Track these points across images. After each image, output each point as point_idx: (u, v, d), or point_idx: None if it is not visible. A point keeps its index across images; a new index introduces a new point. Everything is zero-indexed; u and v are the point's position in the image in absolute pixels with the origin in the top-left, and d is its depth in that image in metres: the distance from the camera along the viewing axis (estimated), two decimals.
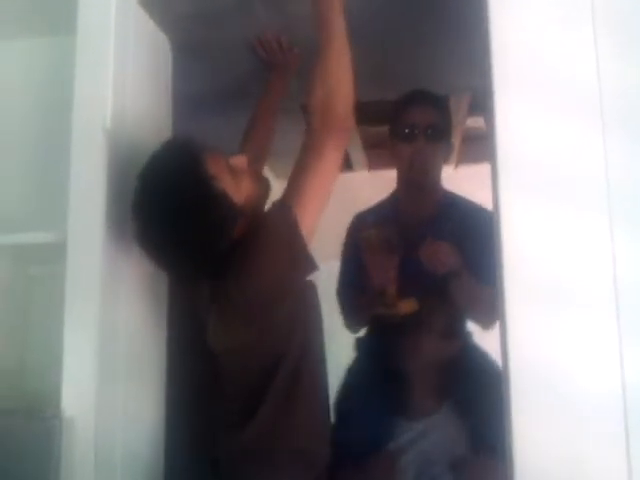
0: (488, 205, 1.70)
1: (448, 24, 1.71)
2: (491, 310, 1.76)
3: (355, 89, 1.32)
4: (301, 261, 1.28)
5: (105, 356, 1.35)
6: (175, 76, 1.76)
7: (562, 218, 1.12)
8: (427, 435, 1.63)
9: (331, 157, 1.29)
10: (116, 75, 1.43)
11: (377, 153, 3.36)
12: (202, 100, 1.87)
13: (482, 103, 2.78)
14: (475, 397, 1.64)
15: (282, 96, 1.86)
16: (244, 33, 1.78)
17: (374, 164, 3.54)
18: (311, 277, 1.41)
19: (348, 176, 3.76)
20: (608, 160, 1.12)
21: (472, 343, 1.86)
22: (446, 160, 2.00)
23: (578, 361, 1.07)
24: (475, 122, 3.17)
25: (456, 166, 3.90)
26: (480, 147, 3.51)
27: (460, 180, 3.75)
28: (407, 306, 1.70)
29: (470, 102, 2.88)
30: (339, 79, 1.30)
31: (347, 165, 3.78)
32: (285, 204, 1.28)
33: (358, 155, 3.38)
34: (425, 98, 1.88)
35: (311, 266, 1.31)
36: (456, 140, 3.49)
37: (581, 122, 1.14)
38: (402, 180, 1.96)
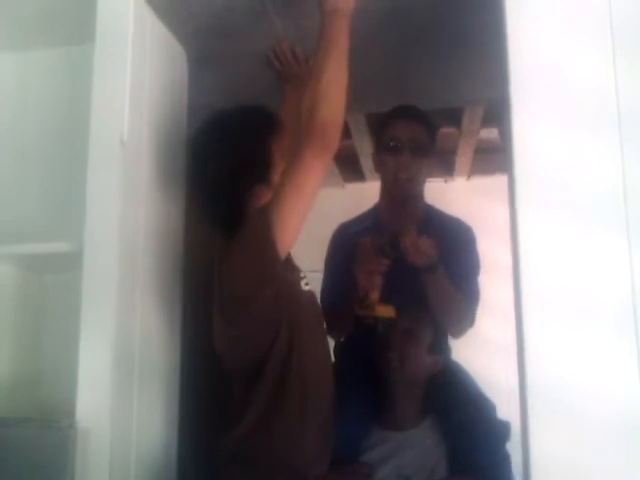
0: (499, 217, 1.75)
1: (463, 37, 1.71)
2: (461, 316, 1.82)
3: (351, 107, 1.34)
4: (267, 263, 1.30)
5: (120, 366, 1.35)
6: (190, 87, 1.77)
7: (579, 231, 1.11)
8: (405, 449, 1.62)
9: (312, 167, 1.30)
10: (133, 86, 1.44)
11: None
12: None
13: (496, 115, 2.79)
14: (456, 414, 1.65)
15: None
16: (260, 45, 1.78)
17: None
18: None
19: (360, 186, 3.78)
20: (626, 173, 1.12)
21: (452, 359, 1.88)
22: (428, 175, 2.04)
23: (596, 378, 1.06)
24: (488, 133, 3.17)
25: (469, 177, 3.91)
26: (493, 159, 3.51)
27: (473, 191, 3.79)
28: (384, 310, 1.71)
29: (483, 114, 2.88)
30: (329, 89, 1.30)
31: (359, 176, 3.79)
32: (265, 208, 1.31)
33: (371, 165, 3.38)
34: (411, 113, 1.92)
35: (275, 272, 1.31)
36: (469, 152, 3.49)
37: (599, 135, 1.14)
38: (385, 192, 2.01)
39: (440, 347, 1.75)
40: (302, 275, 1.47)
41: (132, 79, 1.44)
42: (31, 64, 1.76)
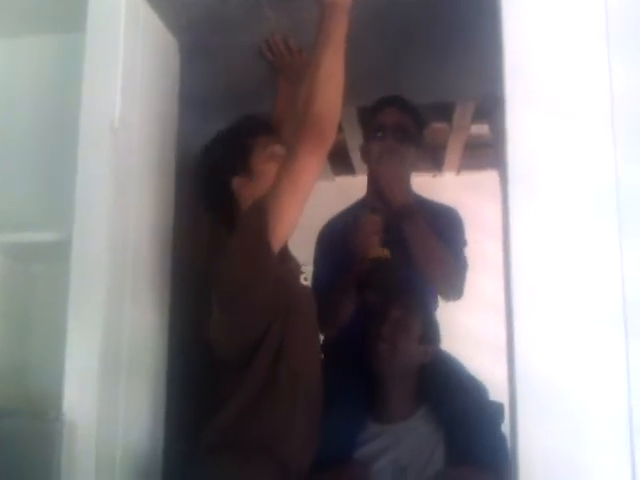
0: (489, 212, 1.75)
1: (456, 32, 1.71)
2: (448, 271, 1.79)
3: (343, 101, 1.33)
4: (260, 252, 1.32)
5: (107, 358, 1.34)
6: (182, 77, 1.76)
7: (571, 227, 1.12)
8: (400, 440, 1.61)
9: (307, 161, 1.31)
10: (125, 75, 1.43)
11: None
12: (209, 102, 1.87)
13: (487, 110, 2.80)
14: (450, 401, 1.64)
15: (293, 99, 1.86)
16: (253, 37, 1.77)
17: None
18: None
19: (350, 179, 3.78)
20: (618, 168, 1.12)
21: (442, 349, 1.86)
22: (414, 166, 2.01)
23: (585, 374, 1.06)
24: (479, 129, 3.18)
25: (458, 173, 3.92)
26: (483, 154, 3.52)
27: (462, 186, 3.80)
28: (379, 251, 1.70)
29: (474, 109, 2.89)
30: (326, 83, 1.31)
31: (349, 169, 3.79)
32: (260, 200, 1.34)
33: (360, 160, 3.38)
34: (396, 102, 1.92)
35: (268, 261, 1.33)
36: (459, 147, 3.50)
37: (592, 130, 1.14)
38: (371, 182, 1.98)
39: (430, 337, 1.73)
40: (302, 270, 1.50)
41: (124, 67, 1.43)
42: (21, 51, 1.75)
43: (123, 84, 1.42)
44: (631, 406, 1.05)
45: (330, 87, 1.31)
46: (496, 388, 1.56)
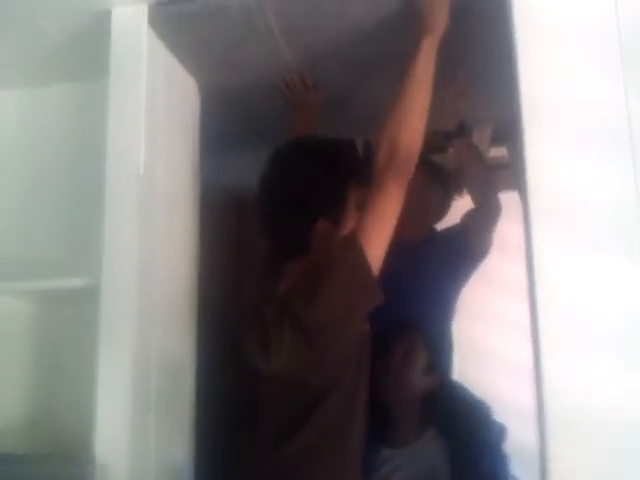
0: (508, 233, 1.85)
1: (472, 57, 1.72)
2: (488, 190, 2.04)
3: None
4: (367, 287, 1.32)
5: (138, 400, 1.35)
6: (202, 118, 1.79)
7: (594, 248, 1.11)
8: (408, 463, 1.67)
9: (392, 192, 1.34)
10: (148, 120, 1.45)
11: None
12: (229, 141, 1.90)
13: (504, 134, 2.79)
14: (456, 423, 1.70)
15: (308, 133, 1.89)
16: (270, 75, 1.80)
17: None
18: None
19: None
20: (639, 190, 1.12)
21: (449, 376, 1.92)
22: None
23: (613, 400, 1.05)
24: (497, 152, 3.17)
25: None
26: (501, 176, 3.50)
27: None
28: None
29: (492, 132, 2.89)
30: (412, 119, 1.35)
31: None
32: (352, 235, 1.34)
33: None
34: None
35: (377, 294, 1.33)
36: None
37: (611, 153, 1.14)
38: None
39: (436, 366, 1.78)
40: None
41: (147, 113, 1.45)
42: (44, 99, 1.79)
43: (147, 129, 1.44)
44: None
45: (418, 119, 1.35)
46: (523, 411, 1.55)
